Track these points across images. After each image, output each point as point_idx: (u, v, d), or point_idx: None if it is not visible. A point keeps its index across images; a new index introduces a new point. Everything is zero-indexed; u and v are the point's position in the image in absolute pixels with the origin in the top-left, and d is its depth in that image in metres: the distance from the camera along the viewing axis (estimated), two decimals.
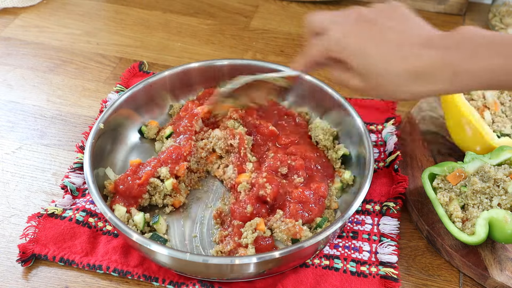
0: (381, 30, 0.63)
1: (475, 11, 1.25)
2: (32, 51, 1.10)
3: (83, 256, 0.74)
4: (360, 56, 0.63)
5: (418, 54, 0.60)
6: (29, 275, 0.74)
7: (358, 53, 0.64)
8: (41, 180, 0.86)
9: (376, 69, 0.63)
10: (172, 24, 1.19)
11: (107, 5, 1.24)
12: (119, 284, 0.73)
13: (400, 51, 0.61)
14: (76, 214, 0.78)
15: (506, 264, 0.73)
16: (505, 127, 0.84)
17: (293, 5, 1.25)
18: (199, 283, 0.71)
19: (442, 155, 0.88)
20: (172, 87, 0.93)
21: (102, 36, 1.15)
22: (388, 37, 0.63)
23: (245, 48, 1.13)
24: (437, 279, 0.75)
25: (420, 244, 0.79)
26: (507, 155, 0.78)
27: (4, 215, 0.81)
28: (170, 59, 1.10)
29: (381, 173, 0.85)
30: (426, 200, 0.80)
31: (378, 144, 0.90)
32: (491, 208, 0.73)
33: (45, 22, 1.18)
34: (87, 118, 0.96)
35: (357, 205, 0.72)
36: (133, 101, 0.88)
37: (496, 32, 0.59)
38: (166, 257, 0.67)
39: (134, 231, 0.68)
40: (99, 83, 1.03)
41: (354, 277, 0.73)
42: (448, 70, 0.59)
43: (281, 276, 0.72)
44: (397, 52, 0.62)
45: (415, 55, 0.61)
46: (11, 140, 0.92)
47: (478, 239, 0.71)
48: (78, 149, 0.87)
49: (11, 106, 0.98)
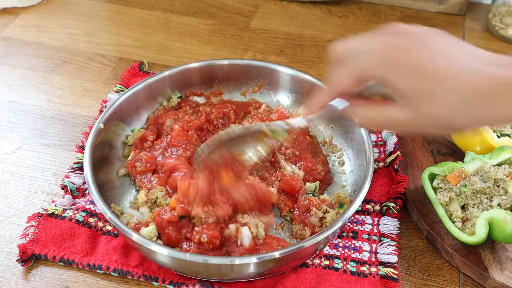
0: (435, 45, 0.51)
1: (475, 11, 1.25)
2: (32, 51, 1.10)
3: (83, 256, 0.74)
4: (413, 72, 0.50)
5: (488, 70, 0.49)
6: (29, 275, 0.74)
7: (410, 68, 0.51)
8: (41, 180, 0.86)
9: (433, 88, 0.50)
10: (172, 24, 1.19)
11: (107, 5, 1.24)
12: (119, 284, 0.73)
13: (466, 65, 0.49)
14: (76, 214, 0.78)
15: (506, 264, 0.73)
16: (505, 127, 0.84)
17: (293, 5, 1.25)
18: (199, 283, 0.71)
19: (442, 155, 0.88)
20: (172, 87, 0.93)
21: (102, 36, 1.15)
22: (447, 52, 0.51)
23: (245, 48, 1.13)
24: (437, 279, 0.75)
25: (420, 244, 0.79)
26: (507, 155, 0.78)
27: (4, 215, 0.81)
28: (170, 59, 1.10)
29: (381, 173, 0.85)
30: (426, 200, 0.80)
31: (378, 144, 0.90)
32: (491, 208, 0.73)
33: (45, 22, 1.18)
34: (87, 118, 0.96)
35: (357, 205, 0.72)
36: (133, 101, 0.88)
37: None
38: (166, 257, 0.67)
39: (134, 231, 0.68)
40: (99, 83, 1.03)
41: (354, 277, 0.73)
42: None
43: (281, 276, 0.72)
44: (462, 66, 0.50)
45: (484, 71, 0.49)
46: (11, 140, 0.92)
47: (478, 239, 0.71)
48: (78, 149, 0.87)
49: (11, 106, 0.98)
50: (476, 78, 0.49)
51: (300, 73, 0.91)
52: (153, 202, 0.78)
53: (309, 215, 0.76)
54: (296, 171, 0.82)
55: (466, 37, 1.18)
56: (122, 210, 0.78)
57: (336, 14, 1.24)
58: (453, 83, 0.49)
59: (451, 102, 0.50)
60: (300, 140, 0.87)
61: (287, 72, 0.92)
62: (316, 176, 0.83)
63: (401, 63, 0.51)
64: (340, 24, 1.21)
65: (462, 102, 0.49)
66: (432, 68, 0.50)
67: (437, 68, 0.50)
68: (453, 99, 0.49)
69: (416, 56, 0.51)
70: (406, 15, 1.23)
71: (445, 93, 0.49)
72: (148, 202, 0.78)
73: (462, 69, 0.49)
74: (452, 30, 1.19)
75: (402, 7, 1.25)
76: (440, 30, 0.55)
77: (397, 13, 1.23)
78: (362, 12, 1.24)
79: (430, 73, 0.50)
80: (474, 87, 0.49)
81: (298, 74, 0.91)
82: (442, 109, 0.50)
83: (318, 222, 0.76)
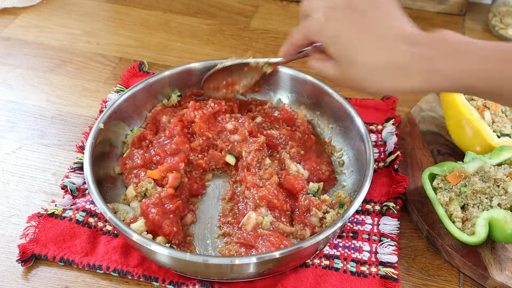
0: (364, 19, 0.62)
1: (475, 11, 1.25)
2: (32, 51, 1.10)
3: (83, 256, 0.74)
4: (337, 42, 0.62)
5: (398, 48, 0.60)
6: (29, 275, 0.74)
7: (336, 38, 0.63)
8: (41, 180, 0.86)
9: (351, 58, 0.62)
10: (172, 24, 1.19)
11: (107, 5, 1.24)
12: (119, 284, 0.73)
13: (380, 42, 0.61)
14: (76, 214, 0.78)
15: (506, 264, 0.73)
16: (505, 127, 0.84)
17: (293, 5, 1.25)
18: (199, 283, 0.71)
19: (442, 155, 0.88)
20: (172, 87, 0.93)
21: (102, 36, 1.15)
22: (369, 27, 0.62)
23: (245, 48, 1.13)
24: (437, 279, 0.75)
25: (420, 244, 0.79)
26: (507, 155, 0.78)
27: (4, 215, 0.81)
28: (170, 59, 1.10)
29: (381, 173, 0.85)
30: (426, 200, 0.80)
31: (378, 144, 0.90)
32: (491, 208, 0.73)
33: (45, 22, 1.18)
34: (87, 118, 0.96)
35: (357, 205, 0.72)
36: (133, 101, 0.88)
37: (473, 39, 0.60)
38: (166, 257, 0.67)
39: (134, 231, 0.68)
40: (99, 83, 1.03)
41: (354, 277, 0.73)
42: (424, 67, 0.59)
43: (281, 276, 0.72)
44: (377, 43, 0.61)
45: (395, 49, 0.60)
46: (11, 140, 0.92)
47: (478, 239, 0.71)
48: (78, 149, 0.87)
49: (11, 106, 0.98)
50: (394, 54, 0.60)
51: (300, 73, 0.91)
52: (143, 195, 0.78)
53: (309, 215, 0.76)
54: (301, 171, 0.82)
55: None
56: (118, 208, 0.77)
57: None
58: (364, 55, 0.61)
59: (367, 72, 0.61)
60: (305, 139, 0.87)
61: (287, 72, 0.92)
62: (321, 176, 0.82)
63: (334, 34, 0.63)
64: None
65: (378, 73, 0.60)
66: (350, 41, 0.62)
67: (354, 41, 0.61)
68: (369, 70, 0.61)
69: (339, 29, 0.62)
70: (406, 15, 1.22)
71: (359, 63, 0.61)
72: (138, 196, 0.78)
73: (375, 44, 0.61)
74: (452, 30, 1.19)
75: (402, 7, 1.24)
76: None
77: None
78: None
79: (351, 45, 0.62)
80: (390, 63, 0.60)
81: (298, 74, 0.91)
82: (358, 74, 0.62)
83: (318, 222, 0.76)
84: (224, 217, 0.79)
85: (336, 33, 0.63)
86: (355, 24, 0.62)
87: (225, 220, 0.78)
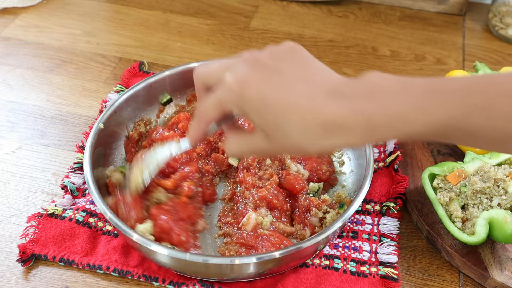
0: (281, 76, 0.54)
1: (475, 11, 1.25)
2: (32, 51, 1.10)
3: (83, 256, 0.74)
4: (261, 107, 0.53)
5: (326, 104, 0.51)
6: (29, 275, 0.74)
7: (258, 103, 0.53)
8: (41, 180, 0.86)
9: (280, 122, 0.53)
10: (172, 24, 1.19)
11: (107, 5, 1.24)
12: (119, 284, 0.73)
13: (307, 100, 0.52)
14: (76, 214, 0.78)
15: (506, 264, 0.73)
16: None
17: (293, 5, 1.26)
18: (199, 283, 0.71)
19: (442, 155, 0.88)
20: (172, 87, 0.93)
21: (102, 36, 1.15)
22: (290, 84, 0.53)
23: (245, 48, 1.13)
24: (437, 279, 0.75)
25: (420, 244, 0.79)
26: (507, 155, 0.78)
27: (4, 215, 0.81)
28: (170, 59, 1.10)
29: (381, 173, 0.85)
30: (426, 200, 0.80)
31: (378, 144, 0.90)
32: (491, 208, 0.73)
33: (45, 22, 1.18)
34: (87, 118, 0.96)
35: (357, 205, 0.72)
36: (133, 101, 0.88)
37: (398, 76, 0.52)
38: (166, 257, 0.67)
39: (134, 231, 0.68)
40: (99, 83, 1.03)
41: (354, 277, 0.73)
42: (361, 121, 0.51)
43: (281, 276, 0.72)
44: (303, 101, 0.52)
45: (323, 105, 0.51)
46: (11, 140, 0.92)
47: (478, 239, 0.71)
48: (78, 149, 0.87)
49: (11, 106, 0.98)
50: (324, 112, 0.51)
51: None
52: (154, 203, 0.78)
53: (309, 215, 0.76)
54: (301, 171, 0.82)
55: (466, 37, 1.18)
56: None
57: (336, 14, 1.24)
58: (296, 117, 0.52)
59: (298, 134, 0.52)
60: None
61: None
62: (321, 176, 0.82)
63: (250, 99, 0.53)
64: (340, 24, 1.21)
65: (306, 133, 0.52)
66: (278, 104, 0.52)
67: (282, 103, 0.52)
68: (299, 132, 0.52)
69: (262, 91, 0.53)
70: (406, 15, 1.23)
71: (292, 127, 0.52)
72: None
73: (304, 103, 0.52)
74: (452, 30, 1.19)
75: (402, 7, 1.25)
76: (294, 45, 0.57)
77: (397, 13, 1.23)
78: (362, 12, 1.24)
79: (275, 108, 0.52)
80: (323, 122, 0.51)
81: None
82: (292, 140, 0.53)
83: (318, 222, 0.76)
84: (224, 217, 0.79)
85: (256, 96, 0.53)
86: (273, 83, 0.53)
87: (225, 220, 0.79)
